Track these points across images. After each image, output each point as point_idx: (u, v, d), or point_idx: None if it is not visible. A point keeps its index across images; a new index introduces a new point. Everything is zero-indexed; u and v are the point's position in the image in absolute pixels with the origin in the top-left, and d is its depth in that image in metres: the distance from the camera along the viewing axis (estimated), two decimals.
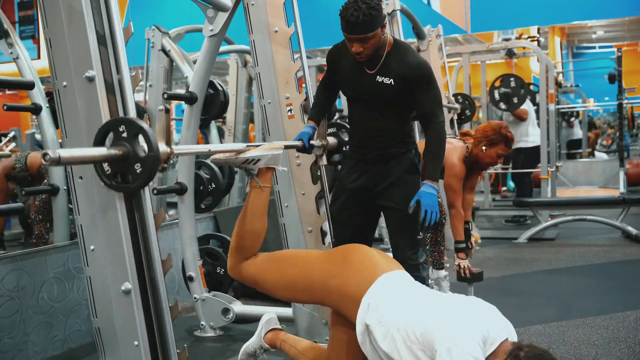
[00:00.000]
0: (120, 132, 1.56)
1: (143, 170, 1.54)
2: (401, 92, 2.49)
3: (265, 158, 2.23)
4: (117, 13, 1.89)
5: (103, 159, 1.53)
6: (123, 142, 1.55)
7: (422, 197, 2.46)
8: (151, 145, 1.53)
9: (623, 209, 5.76)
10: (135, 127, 1.54)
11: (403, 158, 2.61)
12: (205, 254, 3.52)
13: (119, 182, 1.59)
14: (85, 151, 1.51)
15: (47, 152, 1.37)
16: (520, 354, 1.61)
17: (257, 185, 2.26)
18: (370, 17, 2.32)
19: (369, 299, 1.90)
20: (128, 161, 1.54)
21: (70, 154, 1.45)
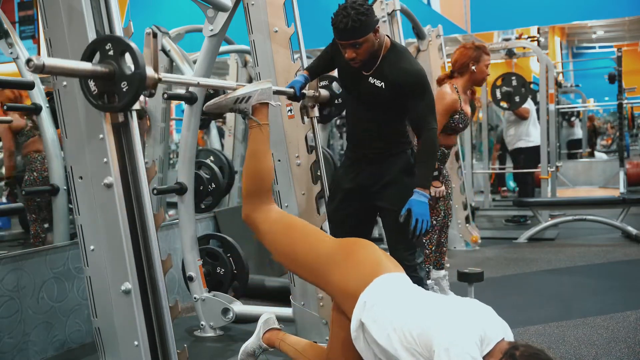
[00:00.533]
0: (106, 50, 1.53)
1: (130, 89, 1.52)
2: (392, 97, 2.49)
3: (255, 94, 2.22)
4: (117, 13, 1.89)
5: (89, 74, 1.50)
6: (110, 60, 1.53)
7: (413, 205, 2.45)
8: (138, 63, 1.50)
9: (623, 209, 5.76)
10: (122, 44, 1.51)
11: (399, 158, 2.61)
12: (205, 254, 3.52)
13: (105, 102, 1.57)
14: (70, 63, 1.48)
15: (31, 58, 1.35)
16: (516, 353, 1.62)
17: (255, 124, 2.24)
18: (360, 23, 2.32)
19: (365, 297, 1.90)
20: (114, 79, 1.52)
21: (54, 63, 1.42)
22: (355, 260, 2.01)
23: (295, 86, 2.65)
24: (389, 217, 2.62)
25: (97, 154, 1.87)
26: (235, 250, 3.52)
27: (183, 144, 3.19)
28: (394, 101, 2.51)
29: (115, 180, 1.86)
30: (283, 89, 2.66)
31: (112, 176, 1.86)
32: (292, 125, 2.94)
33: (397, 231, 2.59)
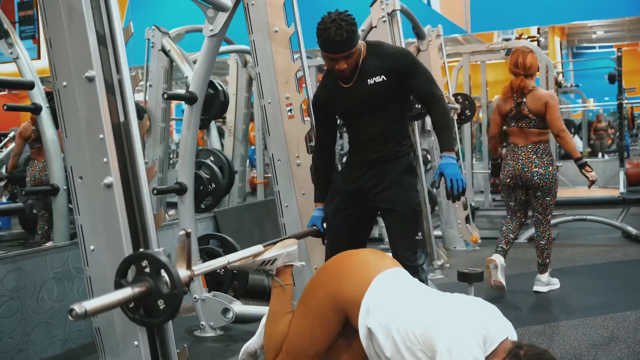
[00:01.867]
0: (142, 267, 1.55)
1: (166, 307, 1.54)
2: (395, 85, 2.51)
3: (281, 257, 2.24)
4: (117, 13, 1.89)
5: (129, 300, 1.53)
6: (146, 277, 1.55)
7: (444, 168, 2.47)
8: (174, 282, 1.52)
9: (623, 209, 5.76)
10: (158, 264, 1.53)
11: (401, 161, 2.61)
12: (205, 254, 3.52)
13: (142, 315, 1.59)
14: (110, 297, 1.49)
15: (73, 308, 1.36)
16: (520, 353, 1.62)
17: (278, 284, 2.27)
18: (352, 34, 2.37)
19: (367, 302, 1.90)
20: (151, 297, 1.54)
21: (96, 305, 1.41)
22: (345, 276, 2.02)
23: (316, 223, 2.71)
24: (391, 217, 2.61)
25: (97, 154, 1.87)
26: (235, 250, 3.52)
27: (183, 144, 3.19)
28: (396, 91, 2.53)
29: (115, 180, 1.86)
30: (308, 232, 2.69)
31: (112, 176, 1.86)
32: (292, 125, 2.94)
33: (399, 232, 2.59)
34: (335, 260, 2.14)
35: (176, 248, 1.67)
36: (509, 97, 3.83)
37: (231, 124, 5.55)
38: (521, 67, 3.75)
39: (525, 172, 3.74)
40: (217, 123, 6.34)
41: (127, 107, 1.88)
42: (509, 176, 3.82)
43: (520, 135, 3.81)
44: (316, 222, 2.71)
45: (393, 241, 2.65)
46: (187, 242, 1.67)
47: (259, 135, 6.14)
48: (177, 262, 1.64)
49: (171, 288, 1.52)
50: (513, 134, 3.84)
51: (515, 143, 3.82)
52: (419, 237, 2.60)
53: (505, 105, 3.86)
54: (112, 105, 1.89)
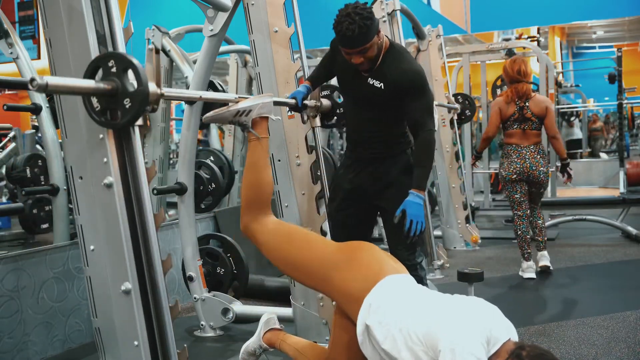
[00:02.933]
0: (109, 67, 1.53)
1: (132, 106, 1.51)
2: (391, 97, 2.49)
3: (256, 107, 2.22)
4: (117, 13, 1.89)
5: (91, 91, 1.50)
6: (112, 77, 1.53)
7: (408, 206, 2.44)
8: (140, 80, 1.50)
9: (623, 209, 5.76)
10: (125, 62, 1.50)
11: (399, 158, 2.61)
12: (205, 254, 3.52)
13: (108, 118, 1.57)
14: (73, 81, 1.49)
15: (34, 78, 1.35)
16: (522, 354, 1.62)
17: (254, 137, 2.24)
18: (367, 28, 2.31)
19: (371, 299, 1.89)
20: (117, 96, 1.52)
21: (57, 82, 1.42)
22: (358, 263, 2.00)
23: (297, 97, 2.65)
24: (389, 217, 2.61)
25: (97, 154, 1.87)
26: (235, 250, 3.52)
27: (183, 144, 3.19)
28: (392, 101, 2.50)
29: (115, 180, 1.86)
30: (285, 100, 2.66)
31: (112, 176, 1.86)
32: (292, 125, 2.94)
33: (397, 231, 2.60)
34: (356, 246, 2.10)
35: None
36: (511, 101, 4.20)
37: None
38: (523, 74, 4.19)
39: (533, 170, 4.18)
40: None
41: None
42: (515, 172, 4.21)
43: (523, 137, 4.22)
44: (297, 96, 2.66)
45: (392, 240, 2.65)
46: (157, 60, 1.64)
47: None
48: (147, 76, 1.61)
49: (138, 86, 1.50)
50: (515, 136, 4.24)
51: (518, 144, 4.21)
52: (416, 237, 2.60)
53: (508, 109, 4.22)
54: None
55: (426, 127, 2.48)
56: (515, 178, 4.22)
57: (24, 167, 4.20)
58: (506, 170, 4.23)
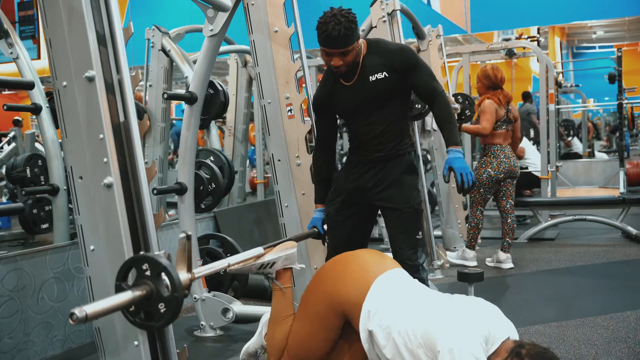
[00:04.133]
0: (143, 270, 1.55)
1: (167, 310, 1.53)
2: (396, 82, 2.51)
3: (280, 260, 2.25)
4: (117, 13, 1.89)
5: (130, 304, 1.53)
6: (146, 281, 1.54)
7: (453, 162, 2.47)
8: (175, 286, 1.51)
9: (623, 209, 5.76)
10: (159, 267, 1.53)
11: (402, 160, 2.61)
12: (205, 254, 3.52)
13: (142, 319, 1.58)
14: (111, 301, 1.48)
15: (74, 312, 1.36)
16: (522, 352, 1.62)
17: (277, 288, 2.27)
18: (351, 31, 2.36)
19: (368, 306, 1.90)
20: (151, 300, 1.54)
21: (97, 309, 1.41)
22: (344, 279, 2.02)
23: (317, 225, 2.71)
24: (392, 216, 2.61)
25: (97, 154, 1.87)
26: (235, 250, 3.53)
27: (183, 144, 3.19)
28: (399, 87, 2.53)
29: (115, 180, 1.86)
30: (308, 234, 2.69)
31: (112, 176, 1.86)
32: (292, 125, 2.94)
33: (400, 231, 2.60)
34: (333, 264, 2.14)
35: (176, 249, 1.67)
36: (502, 105, 4.61)
37: (231, 124, 5.54)
38: (503, 81, 4.70)
39: (515, 167, 4.65)
40: (217, 123, 6.34)
41: (127, 107, 1.88)
42: (503, 172, 4.57)
43: (505, 137, 4.64)
44: (316, 224, 2.71)
45: (394, 240, 2.65)
46: (188, 245, 1.66)
47: (259, 135, 6.13)
48: (178, 265, 1.64)
49: (172, 291, 1.52)
50: (500, 137, 4.62)
51: (501, 144, 4.61)
52: (419, 237, 2.60)
53: (500, 111, 4.60)
54: (112, 105, 1.88)
55: (437, 91, 2.55)
56: (502, 177, 4.57)
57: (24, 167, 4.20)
58: (495, 170, 4.55)
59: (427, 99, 2.60)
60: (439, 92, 2.55)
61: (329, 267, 2.14)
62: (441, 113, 2.56)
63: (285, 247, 2.29)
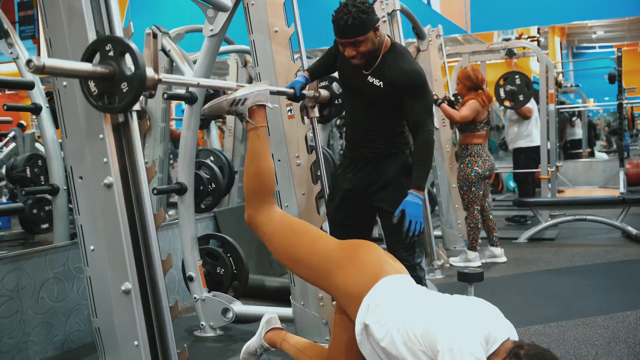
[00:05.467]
0: (107, 51, 1.53)
1: (129, 90, 1.51)
2: (390, 97, 2.49)
3: (251, 96, 2.21)
4: (117, 13, 1.89)
5: (88, 74, 1.50)
6: (110, 61, 1.52)
7: (407, 206, 2.44)
8: (138, 64, 1.50)
9: (623, 209, 5.76)
10: (122, 45, 1.50)
11: (397, 158, 2.61)
12: (205, 254, 3.52)
13: (105, 102, 1.57)
14: (70, 64, 1.48)
15: (31, 59, 1.35)
16: (520, 353, 1.62)
17: (252, 126, 2.24)
18: (361, 21, 2.32)
19: (369, 299, 1.90)
20: (114, 80, 1.51)
21: (54, 64, 1.42)
22: (358, 262, 2.00)
23: (295, 86, 2.64)
24: (388, 217, 2.61)
25: (97, 154, 1.87)
26: (235, 250, 3.52)
27: (183, 144, 3.19)
28: (392, 101, 2.51)
29: (115, 180, 1.86)
30: (282, 89, 2.66)
31: (112, 176, 1.86)
32: (292, 125, 2.94)
33: (396, 232, 2.60)
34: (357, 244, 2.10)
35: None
36: (485, 106, 4.74)
37: (231, 124, 5.54)
38: (484, 81, 4.84)
39: (493, 165, 4.86)
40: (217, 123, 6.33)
41: None
42: (488, 169, 4.73)
43: (484, 138, 4.81)
44: (295, 85, 2.65)
45: (390, 240, 2.65)
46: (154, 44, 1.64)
47: None
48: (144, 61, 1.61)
49: (135, 69, 1.50)
50: (481, 137, 4.75)
51: (482, 144, 4.75)
52: (415, 237, 2.60)
53: (483, 113, 4.74)
54: None
55: (426, 127, 2.49)
56: (487, 174, 4.73)
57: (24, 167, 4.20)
58: (482, 168, 4.69)
59: (413, 129, 2.54)
60: (427, 129, 2.49)
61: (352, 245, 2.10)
62: (420, 150, 2.51)
63: (257, 85, 2.26)
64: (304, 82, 2.68)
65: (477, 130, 4.72)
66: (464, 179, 4.70)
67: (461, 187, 4.76)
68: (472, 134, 4.72)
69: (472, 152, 4.70)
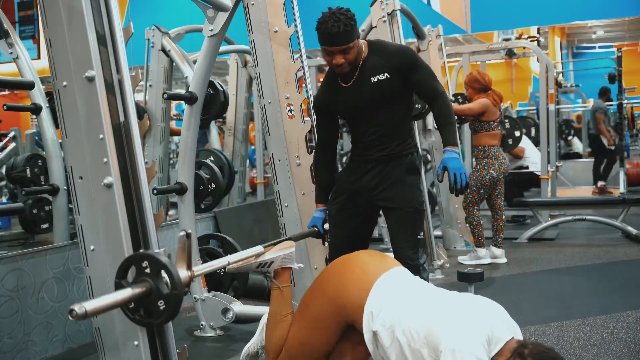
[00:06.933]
0: (143, 268, 1.56)
1: (166, 307, 1.54)
2: (398, 83, 2.51)
3: (278, 259, 2.25)
4: (117, 13, 1.89)
5: (129, 300, 1.53)
6: (146, 278, 1.55)
7: (447, 162, 2.48)
8: (174, 283, 1.52)
9: (623, 209, 5.76)
10: (159, 264, 1.53)
11: (404, 160, 2.61)
12: (205, 254, 3.52)
13: (142, 315, 1.59)
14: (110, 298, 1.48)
15: (73, 309, 1.36)
16: (524, 352, 1.61)
17: (276, 287, 2.27)
18: (350, 27, 2.37)
19: (371, 307, 1.90)
20: (151, 297, 1.54)
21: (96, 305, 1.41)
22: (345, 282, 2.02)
23: (317, 225, 2.71)
24: (393, 216, 2.61)
25: (97, 154, 1.87)
26: (235, 250, 3.52)
27: (183, 144, 3.19)
28: (400, 88, 2.53)
29: (115, 180, 1.86)
30: (307, 232, 2.68)
31: (112, 176, 1.86)
32: (292, 125, 2.94)
33: (401, 230, 2.60)
34: (333, 267, 2.14)
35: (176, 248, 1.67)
36: (497, 105, 4.71)
37: (231, 124, 5.54)
38: (491, 82, 4.76)
39: (508, 167, 4.85)
40: (217, 123, 6.33)
41: (127, 107, 1.88)
42: (503, 172, 4.71)
43: (499, 138, 4.78)
44: (317, 223, 2.71)
45: (395, 240, 2.65)
46: (187, 243, 1.67)
47: (259, 135, 6.13)
48: (178, 263, 1.64)
49: (171, 289, 1.52)
50: (496, 137, 4.73)
51: (496, 145, 4.72)
52: (420, 237, 2.60)
53: (495, 112, 4.70)
54: (112, 105, 1.88)
55: (438, 91, 2.55)
56: (501, 178, 4.72)
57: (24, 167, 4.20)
58: (497, 171, 4.66)
59: (427, 99, 2.61)
60: (440, 92, 2.55)
61: (330, 270, 2.14)
62: (441, 113, 2.57)
63: (284, 247, 2.29)
64: (323, 216, 2.72)
65: (492, 129, 4.69)
66: (477, 180, 4.68)
67: (470, 186, 4.71)
68: (486, 134, 4.69)
69: (489, 154, 4.68)
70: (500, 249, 4.84)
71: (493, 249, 4.83)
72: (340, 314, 2.00)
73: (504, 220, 4.89)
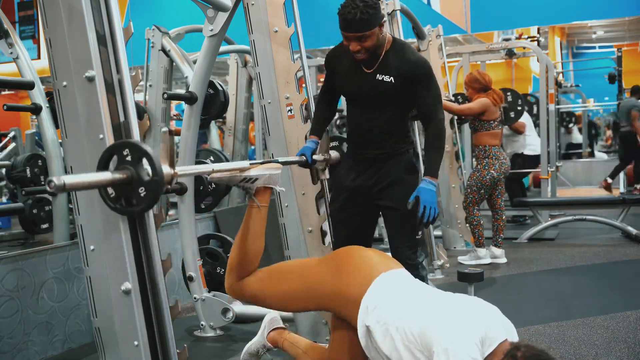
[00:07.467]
0: (124, 156, 1.56)
1: (147, 194, 1.55)
2: (401, 90, 2.50)
3: (262, 177, 2.23)
4: (117, 13, 1.89)
5: (108, 183, 1.54)
6: (127, 166, 1.56)
7: (421, 193, 2.46)
8: (155, 169, 1.53)
9: (623, 209, 5.76)
10: (139, 151, 1.54)
11: (402, 158, 2.61)
12: (205, 254, 3.52)
13: (123, 205, 1.60)
14: (89, 176, 1.51)
15: (51, 179, 1.38)
16: (517, 354, 1.61)
17: (254, 204, 2.26)
18: (368, 16, 2.33)
19: (367, 301, 1.90)
20: (132, 185, 1.55)
21: (74, 180, 1.45)
22: (348, 270, 2.02)
23: (306, 153, 2.65)
24: (392, 216, 2.62)
25: (97, 154, 1.87)
26: None
27: (183, 144, 3.19)
28: (402, 95, 2.52)
29: None
30: (294, 159, 2.65)
31: None
32: (292, 125, 2.94)
33: (399, 230, 2.60)
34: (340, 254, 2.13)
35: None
36: (497, 104, 4.69)
37: (231, 124, 5.54)
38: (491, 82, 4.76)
39: (509, 167, 4.83)
40: (217, 123, 6.32)
41: (127, 107, 1.88)
42: (504, 172, 4.71)
43: (500, 138, 4.79)
44: (305, 152, 2.64)
45: (393, 239, 2.65)
46: (170, 140, 1.66)
47: (259, 135, 6.13)
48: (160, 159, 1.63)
49: (152, 175, 1.52)
50: (497, 137, 4.73)
51: (497, 145, 4.71)
52: (418, 236, 2.61)
53: (496, 111, 4.68)
54: (112, 105, 1.88)
55: (437, 116, 2.52)
56: (501, 178, 4.73)
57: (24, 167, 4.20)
58: (498, 172, 4.67)
59: (424, 118, 2.57)
60: (439, 117, 2.53)
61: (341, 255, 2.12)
62: (432, 138, 2.54)
63: (271, 167, 2.28)
64: (314, 147, 2.68)
65: (492, 128, 4.69)
66: (477, 180, 4.68)
67: (470, 186, 4.73)
68: (486, 133, 4.70)
69: (490, 154, 4.68)
70: (500, 249, 4.84)
71: (493, 249, 4.83)
72: (335, 300, 2.00)
73: (504, 220, 4.90)
